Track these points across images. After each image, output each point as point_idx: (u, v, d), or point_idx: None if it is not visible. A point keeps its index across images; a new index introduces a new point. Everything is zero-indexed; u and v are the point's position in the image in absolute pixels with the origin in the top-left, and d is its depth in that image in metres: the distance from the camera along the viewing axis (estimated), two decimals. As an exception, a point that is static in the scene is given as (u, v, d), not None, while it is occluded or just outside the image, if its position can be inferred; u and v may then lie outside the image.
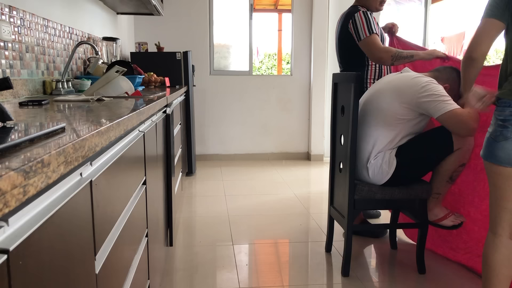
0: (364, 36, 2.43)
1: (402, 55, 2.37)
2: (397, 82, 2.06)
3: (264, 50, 10.28)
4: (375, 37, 2.42)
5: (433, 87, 1.95)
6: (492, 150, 1.50)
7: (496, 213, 1.53)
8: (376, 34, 2.43)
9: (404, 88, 2.00)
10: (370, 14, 2.50)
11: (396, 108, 2.00)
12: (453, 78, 2.09)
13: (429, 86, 1.95)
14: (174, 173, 2.44)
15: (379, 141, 2.05)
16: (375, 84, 2.23)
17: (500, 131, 1.46)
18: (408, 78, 2.03)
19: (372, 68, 2.59)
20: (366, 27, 2.43)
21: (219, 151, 5.07)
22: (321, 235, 2.69)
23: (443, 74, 2.11)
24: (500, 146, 1.46)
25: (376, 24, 2.51)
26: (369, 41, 2.42)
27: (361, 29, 2.44)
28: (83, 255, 0.76)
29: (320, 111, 4.97)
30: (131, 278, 1.18)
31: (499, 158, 1.47)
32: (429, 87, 1.95)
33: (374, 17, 2.59)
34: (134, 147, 1.25)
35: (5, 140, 0.61)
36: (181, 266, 2.24)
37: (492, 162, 1.51)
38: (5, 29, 1.76)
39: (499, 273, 1.53)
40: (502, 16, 1.50)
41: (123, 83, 2.09)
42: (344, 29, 2.55)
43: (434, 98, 1.92)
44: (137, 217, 1.30)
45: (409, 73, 2.09)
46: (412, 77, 2.02)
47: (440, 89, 1.95)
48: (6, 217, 0.50)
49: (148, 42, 4.44)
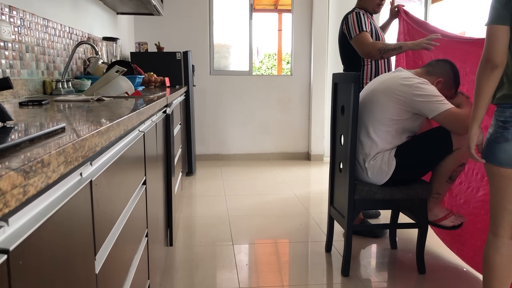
0: (354, 34, 2.58)
1: (389, 47, 2.48)
2: (390, 83, 2.05)
3: (264, 50, 10.28)
4: (364, 34, 2.55)
5: (425, 87, 1.95)
6: (492, 152, 1.49)
7: (497, 214, 1.52)
8: (366, 32, 2.55)
9: (397, 90, 2.00)
10: (364, 15, 2.61)
11: (391, 109, 2.00)
12: (446, 71, 2.08)
13: (421, 86, 1.95)
14: (174, 173, 2.44)
15: (376, 142, 2.05)
16: (369, 84, 2.23)
17: (500, 132, 1.45)
18: (400, 79, 2.03)
19: (368, 68, 2.67)
20: (357, 25, 2.57)
21: (219, 151, 5.07)
22: (321, 235, 2.69)
23: (436, 68, 2.11)
24: (500, 148, 1.46)
25: (369, 23, 2.60)
26: (358, 38, 2.57)
27: (352, 28, 2.59)
28: (83, 255, 0.76)
29: (320, 111, 4.97)
30: (131, 278, 1.18)
31: (499, 159, 1.47)
32: (422, 87, 1.95)
33: (373, 19, 2.71)
34: (134, 147, 1.25)
35: (5, 140, 0.61)
36: (181, 266, 2.24)
37: (492, 163, 1.50)
38: (5, 29, 1.76)
39: (500, 274, 1.52)
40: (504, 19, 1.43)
41: (123, 83, 2.09)
42: (341, 30, 2.71)
43: (428, 99, 1.93)
44: (137, 217, 1.30)
45: (401, 72, 2.08)
46: (404, 77, 2.02)
47: (432, 89, 1.95)
48: (6, 217, 0.50)
49: (148, 42, 4.44)
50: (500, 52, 1.41)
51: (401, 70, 2.13)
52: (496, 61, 1.42)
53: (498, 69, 1.42)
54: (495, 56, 1.42)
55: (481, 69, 1.46)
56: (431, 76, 2.09)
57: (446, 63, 2.11)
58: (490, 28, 1.44)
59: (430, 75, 2.09)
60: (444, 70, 2.09)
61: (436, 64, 2.13)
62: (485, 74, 1.44)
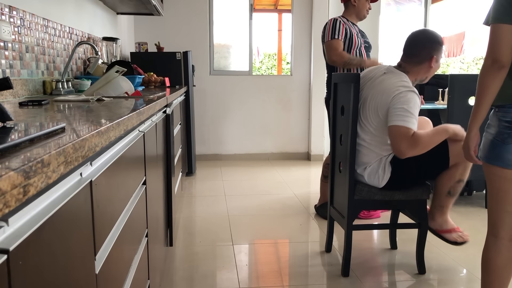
0: (327, 39, 2.77)
1: (352, 62, 2.73)
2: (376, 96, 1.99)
3: (264, 50, 10.28)
4: (335, 41, 2.74)
5: (404, 100, 1.88)
6: (499, 153, 1.44)
7: (498, 216, 1.50)
8: (337, 40, 2.72)
9: (385, 102, 1.94)
10: (340, 23, 2.76)
11: (379, 120, 1.99)
12: (432, 48, 2.00)
13: (401, 96, 1.89)
14: (174, 173, 2.44)
15: (372, 147, 2.04)
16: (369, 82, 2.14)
17: (508, 133, 1.40)
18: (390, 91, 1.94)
19: (340, 71, 2.83)
20: (331, 32, 2.75)
21: (219, 151, 5.07)
22: (321, 235, 2.69)
23: (420, 53, 2.01)
24: (508, 149, 1.41)
25: (344, 31, 2.75)
26: (329, 44, 2.76)
27: (326, 34, 2.78)
28: (83, 255, 0.76)
29: (320, 111, 4.97)
30: (131, 278, 1.18)
31: (507, 161, 1.42)
32: (401, 98, 1.89)
33: (356, 25, 2.89)
34: (134, 147, 1.25)
35: (5, 140, 0.61)
36: (181, 266, 2.24)
37: (497, 165, 1.45)
38: (5, 29, 1.76)
39: (501, 276, 1.51)
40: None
41: (123, 83, 2.09)
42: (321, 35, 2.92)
43: (397, 111, 1.88)
44: (137, 217, 1.30)
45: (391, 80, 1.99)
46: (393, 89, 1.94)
47: (411, 104, 1.88)
48: (6, 217, 0.50)
49: (148, 42, 4.44)
50: (507, 51, 1.36)
51: (392, 70, 2.05)
52: (504, 61, 1.37)
53: (504, 69, 1.38)
54: (502, 55, 1.37)
55: (486, 69, 1.40)
56: (422, 64, 2.02)
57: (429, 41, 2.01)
58: (495, 27, 1.38)
59: (422, 63, 2.02)
60: (432, 48, 2.00)
61: (415, 48, 2.03)
62: (491, 74, 1.39)
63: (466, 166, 2.00)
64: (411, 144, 1.88)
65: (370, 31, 4.05)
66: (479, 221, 2.90)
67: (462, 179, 2.02)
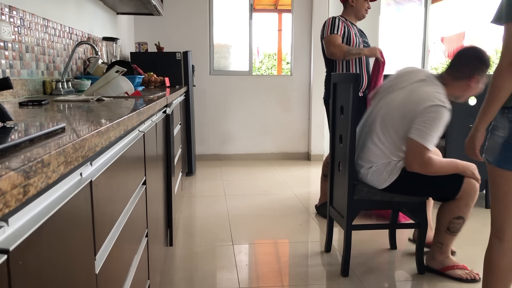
0: (326, 35, 2.82)
1: (351, 52, 2.76)
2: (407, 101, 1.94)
3: (264, 50, 10.28)
4: (334, 36, 2.78)
5: (433, 115, 1.84)
6: (511, 156, 1.40)
7: (504, 219, 1.48)
8: (336, 34, 2.78)
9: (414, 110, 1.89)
10: (340, 21, 2.82)
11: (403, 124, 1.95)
12: (476, 67, 1.92)
13: (432, 110, 1.85)
14: (174, 173, 2.44)
15: (385, 148, 2.01)
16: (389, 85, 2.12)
17: None
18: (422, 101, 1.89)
19: (340, 68, 2.86)
20: (330, 28, 2.81)
21: (219, 151, 5.07)
22: (321, 235, 2.69)
23: (462, 69, 1.94)
24: None
25: (343, 29, 2.80)
26: (327, 38, 2.80)
27: (325, 30, 2.83)
28: (83, 255, 0.76)
29: (320, 111, 4.96)
30: (131, 278, 1.18)
31: None
32: (431, 112, 1.85)
33: (355, 25, 2.93)
34: (134, 147, 1.25)
35: (5, 140, 0.61)
36: (181, 266, 2.24)
37: (508, 169, 1.42)
38: (5, 29, 1.76)
39: (504, 278, 1.51)
40: None
41: (123, 83, 2.09)
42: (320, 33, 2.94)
43: (422, 125, 1.86)
44: (137, 217, 1.30)
45: (427, 89, 1.91)
46: (426, 99, 1.88)
47: (437, 122, 1.85)
48: (6, 217, 0.50)
49: (148, 42, 4.44)
50: None
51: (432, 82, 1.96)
52: None
53: None
54: None
55: (502, 70, 1.34)
56: (462, 81, 1.95)
57: (473, 59, 1.93)
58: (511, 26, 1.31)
59: (461, 79, 1.95)
60: (474, 67, 1.92)
61: (459, 62, 1.96)
62: (508, 76, 1.33)
63: (468, 203, 2.01)
64: (422, 166, 1.92)
65: (370, 31, 4.05)
66: (479, 221, 2.90)
67: (462, 216, 2.02)
